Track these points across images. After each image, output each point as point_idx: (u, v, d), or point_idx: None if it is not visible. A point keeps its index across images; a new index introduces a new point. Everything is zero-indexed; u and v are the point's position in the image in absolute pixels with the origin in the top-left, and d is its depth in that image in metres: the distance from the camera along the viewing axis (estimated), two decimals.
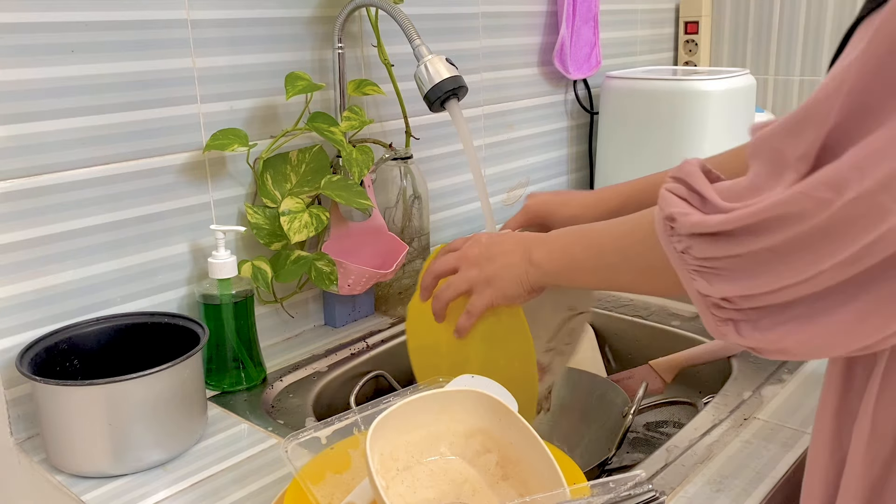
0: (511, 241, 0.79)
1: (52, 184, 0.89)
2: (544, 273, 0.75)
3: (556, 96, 1.62)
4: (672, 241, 0.54)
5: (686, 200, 0.54)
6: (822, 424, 0.59)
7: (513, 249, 0.78)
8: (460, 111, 1.00)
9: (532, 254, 0.76)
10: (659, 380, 1.08)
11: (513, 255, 0.77)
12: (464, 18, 1.36)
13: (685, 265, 0.54)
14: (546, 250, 0.75)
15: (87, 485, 0.81)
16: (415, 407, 0.68)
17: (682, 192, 0.55)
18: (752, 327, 0.52)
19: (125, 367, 0.84)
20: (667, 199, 0.55)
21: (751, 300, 0.51)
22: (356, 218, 1.16)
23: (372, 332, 1.18)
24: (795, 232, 0.46)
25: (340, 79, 1.13)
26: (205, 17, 1.00)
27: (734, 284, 0.51)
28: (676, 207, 0.54)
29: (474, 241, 0.82)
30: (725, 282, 0.51)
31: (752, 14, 1.89)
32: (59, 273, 0.91)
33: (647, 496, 0.61)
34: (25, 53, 0.85)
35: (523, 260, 0.76)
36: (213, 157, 1.03)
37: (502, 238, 0.80)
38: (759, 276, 0.49)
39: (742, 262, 0.50)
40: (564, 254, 0.74)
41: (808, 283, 0.48)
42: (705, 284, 0.53)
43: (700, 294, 0.54)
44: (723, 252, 0.50)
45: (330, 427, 0.73)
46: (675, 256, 0.55)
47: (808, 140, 0.46)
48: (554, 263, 0.75)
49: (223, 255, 0.97)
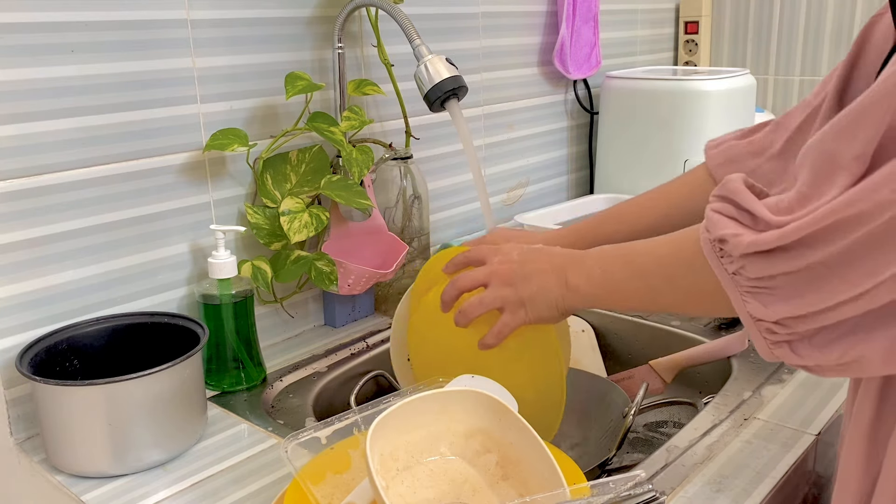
0: (545, 260, 0.75)
1: (52, 184, 0.89)
2: (582, 297, 0.72)
3: (556, 96, 1.62)
4: (723, 263, 0.53)
5: (736, 220, 0.52)
6: (855, 440, 0.58)
7: (547, 270, 0.74)
8: (460, 111, 1.00)
9: (568, 276, 0.72)
10: (659, 380, 1.08)
11: (548, 276, 0.73)
12: (464, 18, 1.36)
13: (737, 287, 0.52)
14: (583, 273, 0.72)
15: (87, 485, 0.81)
16: (415, 407, 0.68)
17: (730, 211, 0.53)
18: (808, 344, 0.50)
19: (125, 367, 0.84)
20: (715, 222, 0.53)
21: (805, 321, 0.49)
22: (356, 218, 1.16)
23: (372, 332, 1.18)
24: (854, 238, 0.45)
25: (340, 79, 1.13)
26: (205, 17, 1.00)
27: (789, 304, 0.49)
28: (727, 229, 0.52)
29: (504, 256, 0.78)
30: (780, 301, 0.49)
31: (752, 14, 1.90)
32: (59, 273, 0.91)
33: (647, 496, 0.61)
34: (25, 53, 0.85)
35: (559, 284, 0.73)
36: (213, 157, 1.03)
37: (535, 256, 0.76)
38: (814, 293, 0.48)
39: (797, 278, 0.48)
40: (604, 277, 0.70)
41: (865, 298, 0.46)
42: (759, 306, 0.51)
43: (752, 317, 0.52)
44: (778, 269, 0.49)
45: (330, 427, 0.73)
46: (726, 279, 0.53)
47: (865, 140, 0.45)
48: (593, 287, 0.71)
49: (223, 255, 0.97)
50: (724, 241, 0.52)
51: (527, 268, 0.75)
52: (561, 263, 0.73)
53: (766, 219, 0.50)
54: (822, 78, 0.74)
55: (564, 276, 0.72)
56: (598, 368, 1.18)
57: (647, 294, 0.67)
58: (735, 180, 0.54)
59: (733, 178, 0.54)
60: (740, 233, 0.51)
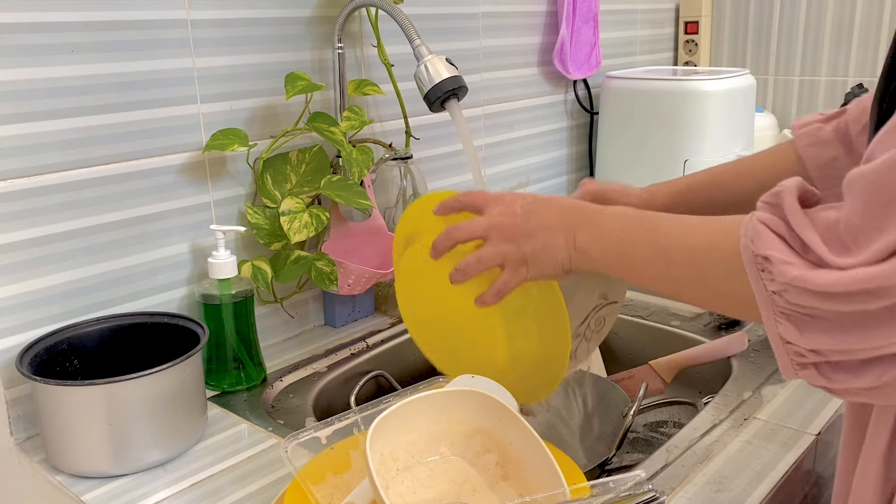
0: (553, 214, 0.68)
1: (52, 184, 0.89)
2: (591, 260, 0.66)
3: (556, 96, 1.62)
4: (762, 278, 0.48)
5: (785, 241, 0.48)
6: (869, 463, 0.57)
7: (555, 225, 0.67)
8: (460, 111, 1.00)
9: (577, 236, 0.66)
10: (659, 380, 1.08)
11: (555, 233, 0.67)
12: (464, 18, 1.36)
13: (773, 306, 0.48)
14: (595, 235, 0.65)
15: (87, 485, 0.81)
16: (415, 407, 0.68)
17: (779, 228, 0.48)
18: (838, 368, 0.47)
19: (125, 367, 0.84)
20: (761, 236, 0.49)
21: (843, 353, 0.46)
22: (356, 218, 1.16)
23: (372, 332, 1.18)
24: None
25: (340, 79, 1.13)
26: (204, 17, 1.00)
27: (829, 336, 0.46)
28: (774, 250, 0.47)
29: (506, 207, 0.71)
30: (819, 332, 0.46)
31: (752, 14, 1.89)
32: (59, 273, 0.91)
33: (647, 496, 0.61)
34: (25, 53, 0.85)
35: (567, 243, 0.67)
36: (213, 157, 1.03)
37: (542, 208, 0.69)
38: (860, 334, 0.44)
39: (844, 318, 0.44)
40: (620, 247, 0.64)
41: None
42: (793, 331, 0.47)
43: (783, 339, 0.49)
44: (825, 306, 0.45)
45: (330, 427, 0.73)
46: (763, 295, 0.49)
47: None
48: (605, 255, 0.65)
49: (223, 255, 0.97)
50: (769, 261, 0.48)
51: (531, 222, 0.69)
52: (570, 220, 0.67)
53: (821, 254, 0.45)
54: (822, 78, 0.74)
55: (573, 235, 0.66)
56: (598, 368, 1.18)
57: (669, 282, 0.61)
58: (789, 190, 0.49)
59: (788, 187, 0.50)
60: (789, 260, 0.46)
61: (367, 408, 0.75)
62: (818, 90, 1.82)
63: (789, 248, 0.47)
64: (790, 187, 0.50)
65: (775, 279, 0.47)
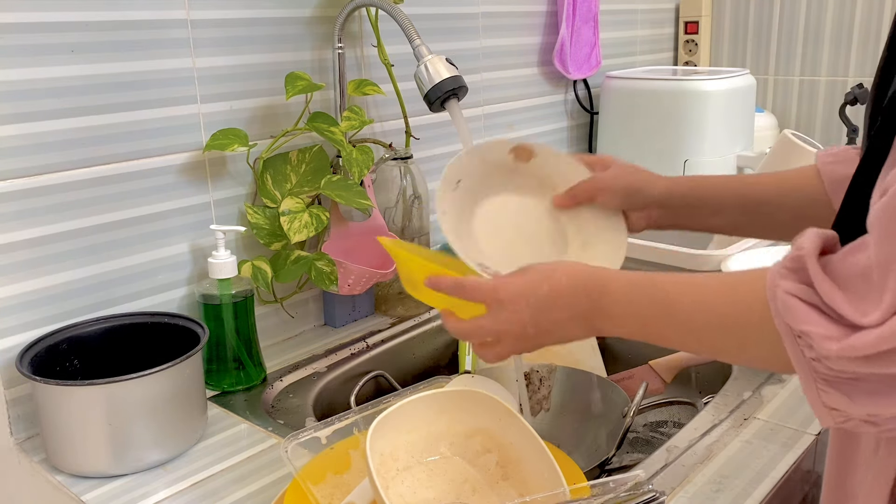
0: (563, 309, 0.64)
1: (52, 184, 0.89)
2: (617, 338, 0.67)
3: (556, 96, 1.62)
4: (800, 344, 0.47)
5: (818, 309, 0.46)
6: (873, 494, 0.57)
7: (569, 319, 0.64)
8: (460, 111, 1.00)
9: (596, 324, 0.63)
10: (659, 380, 1.08)
11: (570, 327, 0.64)
12: (464, 18, 1.36)
13: (813, 373, 0.47)
14: (614, 324, 0.63)
15: (87, 485, 0.81)
16: (415, 407, 0.68)
17: (810, 297, 0.46)
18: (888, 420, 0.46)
19: (125, 367, 0.84)
20: (793, 310, 0.47)
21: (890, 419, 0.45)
22: (356, 218, 1.16)
23: (372, 332, 1.18)
24: None
25: (340, 79, 1.13)
26: (205, 17, 1.00)
27: (874, 400, 0.44)
28: (809, 324, 0.46)
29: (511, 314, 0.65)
30: (864, 396, 0.44)
31: (752, 14, 1.90)
32: (59, 273, 0.91)
33: (647, 496, 0.61)
34: (25, 53, 0.85)
35: (585, 330, 0.64)
36: (213, 157, 1.03)
37: (549, 304, 0.64)
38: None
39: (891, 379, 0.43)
40: (645, 331, 0.62)
41: None
42: (841, 399, 0.46)
43: (826, 406, 0.47)
44: (872, 370, 0.44)
45: (330, 427, 0.73)
46: (802, 363, 0.47)
47: None
48: (632, 335, 0.63)
49: (223, 255, 0.97)
50: (808, 335, 0.46)
51: (542, 324, 0.64)
52: (583, 311, 0.63)
53: (854, 320, 0.44)
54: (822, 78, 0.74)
55: (591, 324, 0.64)
56: (598, 368, 1.18)
57: (704, 349, 0.60)
58: (809, 253, 0.47)
59: (808, 250, 0.48)
60: (829, 334, 0.44)
61: (367, 408, 0.75)
62: (818, 90, 1.82)
63: (824, 316, 0.45)
64: (810, 249, 0.48)
65: (816, 350, 0.46)
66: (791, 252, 0.49)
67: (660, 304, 0.60)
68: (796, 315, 0.47)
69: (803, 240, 0.49)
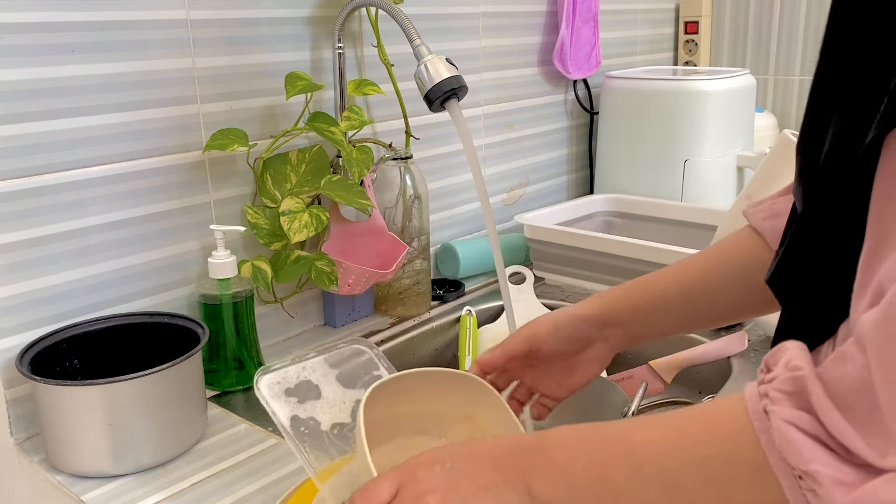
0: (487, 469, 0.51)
1: (52, 184, 0.89)
2: None
3: (556, 96, 1.62)
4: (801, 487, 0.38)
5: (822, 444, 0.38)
6: None
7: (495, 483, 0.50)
8: (460, 111, 0.99)
9: (533, 487, 0.49)
10: (658, 380, 1.08)
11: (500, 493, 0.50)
12: (464, 18, 1.36)
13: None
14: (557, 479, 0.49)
15: (87, 485, 0.81)
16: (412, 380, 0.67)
17: (812, 428, 0.38)
18: None
19: (125, 367, 0.84)
20: (794, 444, 0.38)
21: None
22: (356, 218, 1.16)
23: (372, 332, 1.18)
24: None
25: (340, 79, 1.13)
26: (205, 17, 1.00)
27: None
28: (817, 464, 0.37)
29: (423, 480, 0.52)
30: None
31: (752, 14, 1.89)
32: (59, 273, 0.91)
33: None
34: (25, 53, 0.85)
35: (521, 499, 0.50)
36: (213, 157, 1.03)
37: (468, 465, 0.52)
38: None
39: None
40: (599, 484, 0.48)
41: None
42: None
43: None
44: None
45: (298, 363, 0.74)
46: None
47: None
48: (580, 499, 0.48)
49: (223, 255, 0.97)
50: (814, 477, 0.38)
51: (463, 489, 0.51)
52: (513, 469, 0.50)
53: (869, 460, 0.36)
54: None
55: (525, 485, 0.50)
56: None
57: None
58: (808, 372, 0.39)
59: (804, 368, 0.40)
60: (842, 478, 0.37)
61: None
62: None
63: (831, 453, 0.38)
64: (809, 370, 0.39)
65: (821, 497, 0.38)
66: (783, 372, 0.41)
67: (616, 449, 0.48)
68: (800, 451, 0.38)
69: (791, 355, 0.41)
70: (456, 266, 1.35)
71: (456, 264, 1.35)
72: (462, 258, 1.35)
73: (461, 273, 1.35)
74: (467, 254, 1.35)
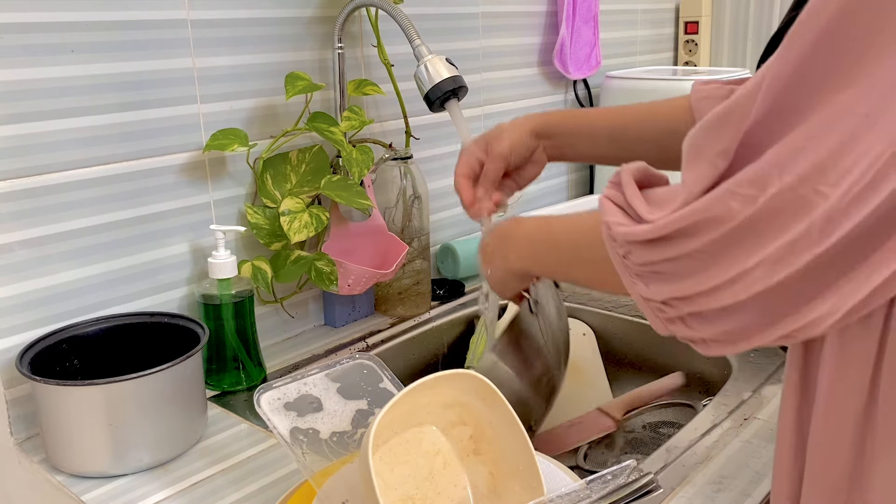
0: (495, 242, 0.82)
1: (52, 184, 0.89)
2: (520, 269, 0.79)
3: (556, 96, 1.62)
4: (614, 246, 0.55)
5: (621, 209, 0.55)
6: (785, 424, 0.59)
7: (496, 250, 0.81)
8: (460, 111, 1.00)
9: (507, 253, 0.79)
10: (608, 419, 1.06)
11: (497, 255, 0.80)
12: (464, 18, 1.36)
13: (627, 269, 0.55)
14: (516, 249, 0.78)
15: (87, 485, 0.81)
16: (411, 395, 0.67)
17: (618, 199, 0.56)
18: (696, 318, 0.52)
19: (125, 367, 0.84)
20: (603, 207, 0.56)
21: (688, 303, 0.51)
22: (356, 218, 1.16)
23: (372, 332, 1.18)
24: (723, 231, 0.47)
25: (340, 79, 1.13)
26: (205, 17, 1.00)
27: (670, 286, 0.52)
28: (611, 216, 0.55)
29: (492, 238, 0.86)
30: (663, 283, 0.52)
31: (752, 14, 1.89)
32: (59, 273, 0.91)
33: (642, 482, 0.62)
34: (25, 53, 0.85)
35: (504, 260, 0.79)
36: (213, 157, 1.04)
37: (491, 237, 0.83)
38: (692, 277, 0.50)
39: (677, 264, 0.50)
40: (531, 250, 0.76)
41: (739, 285, 0.48)
42: (644, 288, 0.54)
43: (643, 297, 0.55)
44: (659, 256, 0.51)
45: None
46: (617, 261, 0.56)
47: (728, 136, 0.48)
48: (523, 261, 0.77)
49: (223, 255, 0.97)
50: (609, 227, 0.55)
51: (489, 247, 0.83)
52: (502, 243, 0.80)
53: (640, 213, 0.53)
54: None
55: (505, 252, 0.79)
56: (598, 371, 1.18)
57: (559, 266, 0.74)
58: (628, 170, 0.57)
59: (628, 167, 0.57)
60: (622, 222, 0.54)
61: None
62: None
63: (624, 213, 0.55)
64: (629, 168, 0.57)
65: (616, 240, 0.54)
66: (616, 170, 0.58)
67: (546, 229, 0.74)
68: (604, 210, 0.56)
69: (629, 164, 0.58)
70: (456, 266, 1.35)
71: (456, 264, 1.35)
72: (462, 258, 1.35)
73: (461, 273, 1.35)
74: (467, 254, 1.35)
